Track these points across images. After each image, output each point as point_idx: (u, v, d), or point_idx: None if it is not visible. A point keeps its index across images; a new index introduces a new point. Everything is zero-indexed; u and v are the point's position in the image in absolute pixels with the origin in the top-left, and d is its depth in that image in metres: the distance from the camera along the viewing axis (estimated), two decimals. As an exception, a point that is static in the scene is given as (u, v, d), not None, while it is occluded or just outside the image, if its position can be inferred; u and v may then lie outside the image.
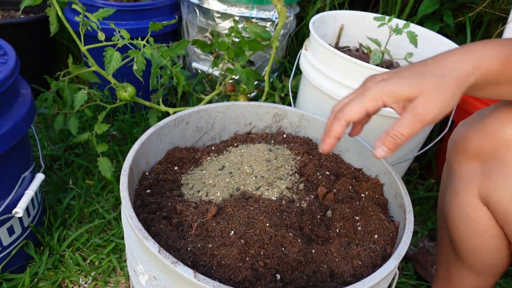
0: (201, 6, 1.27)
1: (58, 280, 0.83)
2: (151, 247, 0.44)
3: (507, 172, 0.54)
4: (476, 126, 0.57)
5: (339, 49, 1.13)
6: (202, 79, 1.32)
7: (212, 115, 0.73)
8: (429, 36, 1.06)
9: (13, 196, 0.75)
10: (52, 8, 0.88)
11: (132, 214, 0.48)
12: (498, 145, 0.54)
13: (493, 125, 0.55)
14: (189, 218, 0.54)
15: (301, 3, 1.56)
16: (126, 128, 1.23)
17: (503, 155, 0.54)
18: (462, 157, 0.61)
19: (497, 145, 0.54)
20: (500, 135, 0.54)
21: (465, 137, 0.59)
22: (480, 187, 0.58)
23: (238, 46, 0.97)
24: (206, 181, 0.62)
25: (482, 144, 0.57)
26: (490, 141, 0.55)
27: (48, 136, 1.18)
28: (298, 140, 0.74)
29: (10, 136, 0.68)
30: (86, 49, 0.87)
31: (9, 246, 0.80)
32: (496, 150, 0.55)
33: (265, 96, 1.06)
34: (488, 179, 0.56)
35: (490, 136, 0.55)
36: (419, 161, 1.27)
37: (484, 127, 0.56)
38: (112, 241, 0.92)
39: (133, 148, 0.60)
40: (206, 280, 0.41)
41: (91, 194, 1.04)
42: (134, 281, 0.53)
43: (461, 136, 0.60)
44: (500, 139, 0.54)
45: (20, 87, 0.78)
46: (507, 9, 1.29)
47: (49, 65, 1.47)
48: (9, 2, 1.44)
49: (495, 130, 0.54)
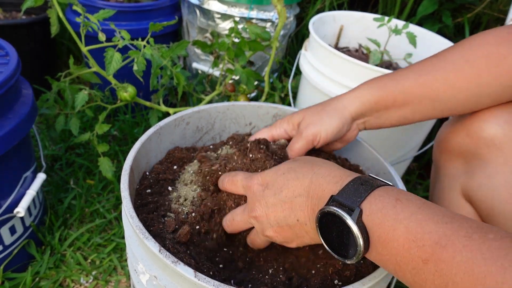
0: (201, 7, 1.27)
1: (59, 279, 0.84)
2: (151, 247, 0.44)
3: (488, 171, 0.54)
4: (458, 125, 0.58)
5: (338, 49, 1.13)
6: (203, 79, 1.32)
7: (212, 115, 0.74)
8: (428, 37, 1.07)
9: (14, 195, 0.76)
10: (53, 9, 0.89)
11: (133, 214, 0.48)
12: (479, 144, 0.55)
13: (474, 124, 0.55)
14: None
15: (301, 3, 1.56)
16: (126, 128, 1.24)
17: (484, 154, 0.55)
18: (446, 156, 0.62)
19: (478, 144, 0.55)
20: (481, 134, 0.54)
21: (448, 137, 0.60)
22: (464, 186, 0.59)
23: (238, 46, 0.97)
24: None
25: (464, 143, 0.57)
26: (471, 140, 0.56)
27: (49, 136, 1.19)
28: None
29: (11, 136, 0.69)
30: (87, 50, 0.87)
31: (11, 245, 0.80)
32: (478, 149, 0.55)
33: (265, 96, 1.07)
34: (471, 178, 0.57)
35: (471, 135, 0.56)
36: (419, 161, 1.28)
37: (465, 126, 0.57)
38: (113, 241, 0.92)
39: (134, 148, 0.60)
40: (206, 280, 0.41)
41: (92, 194, 1.04)
42: (134, 281, 0.53)
43: (445, 136, 0.61)
44: (481, 138, 0.55)
45: (22, 87, 0.78)
46: (505, 10, 1.29)
47: (50, 66, 1.47)
48: (11, 3, 1.45)
49: (476, 129, 0.55)
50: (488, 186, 0.54)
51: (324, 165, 0.47)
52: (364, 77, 0.85)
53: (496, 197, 0.53)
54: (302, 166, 0.47)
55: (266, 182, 0.48)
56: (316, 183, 0.44)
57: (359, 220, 0.38)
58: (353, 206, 0.39)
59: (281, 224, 0.46)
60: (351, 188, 0.40)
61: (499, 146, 0.53)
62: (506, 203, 0.53)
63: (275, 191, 0.47)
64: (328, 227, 0.41)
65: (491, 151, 0.54)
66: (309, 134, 0.58)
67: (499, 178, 0.53)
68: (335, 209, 0.39)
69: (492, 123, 0.54)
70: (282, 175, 0.47)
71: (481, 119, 0.55)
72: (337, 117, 0.58)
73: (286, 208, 0.46)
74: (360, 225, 0.38)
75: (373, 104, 0.57)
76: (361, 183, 0.41)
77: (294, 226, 0.46)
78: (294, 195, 0.45)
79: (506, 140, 0.53)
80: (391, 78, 0.57)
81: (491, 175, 0.54)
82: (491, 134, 0.54)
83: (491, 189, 0.54)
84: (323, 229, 0.42)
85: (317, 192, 0.43)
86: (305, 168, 0.47)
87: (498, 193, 0.53)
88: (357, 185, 0.41)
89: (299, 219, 0.45)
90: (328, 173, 0.44)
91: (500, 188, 0.53)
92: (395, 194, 0.39)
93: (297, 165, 0.48)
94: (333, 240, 0.41)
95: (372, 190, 0.40)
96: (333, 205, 0.40)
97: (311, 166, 0.47)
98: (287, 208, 0.46)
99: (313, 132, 0.58)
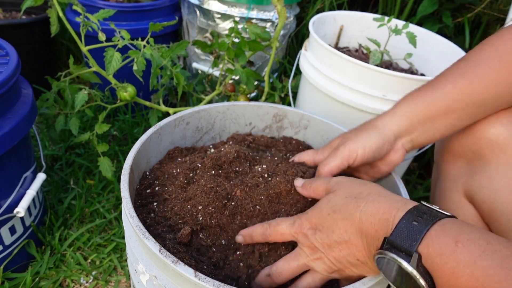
0: (201, 7, 1.27)
1: (59, 279, 0.84)
2: (151, 247, 0.44)
3: (490, 173, 0.54)
4: None
5: (338, 49, 1.13)
6: (202, 79, 1.32)
7: (212, 115, 0.74)
8: (428, 37, 1.06)
9: (14, 195, 0.76)
10: (53, 9, 0.89)
11: (133, 214, 0.48)
12: (482, 145, 0.55)
13: (477, 124, 0.55)
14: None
15: (301, 3, 1.56)
16: (126, 128, 1.24)
17: (487, 155, 0.54)
18: (448, 156, 0.61)
19: (481, 145, 0.55)
20: (484, 135, 0.54)
21: (450, 137, 0.60)
22: (465, 186, 0.58)
23: (238, 46, 0.97)
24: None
25: (466, 143, 0.57)
26: (474, 140, 0.56)
27: (49, 136, 1.19)
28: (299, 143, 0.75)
29: (11, 136, 0.69)
30: (87, 50, 0.87)
31: (10, 245, 0.80)
32: (480, 150, 0.55)
33: (265, 96, 1.07)
34: (473, 179, 0.57)
35: (474, 135, 0.55)
36: (419, 161, 1.28)
37: (468, 127, 0.56)
38: (113, 241, 0.92)
39: (134, 148, 0.60)
40: (206, 280, 0.41)
41: (92, 194, 1.04)
42: (134, 281, 0.53)
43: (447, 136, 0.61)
44: (483, 139, 0.54)
45: (22, 87, 0.78)
46: (506, 10, 1.29)
47: (50, 66, 1.47)
48: (11, 3, 1.45)
49: (479, 129, 0.55)
50: (490, 187, 0.54)
51: (369, 198, 0.43)
52: (364, 77, 0.86)
53: (498, 198, 0.53)
54: (347, 204, 0.44)
55: (314, 225, 0.46)
56: (366, 222, 0.42)
57: (419, 265, 0.36)
58: (411, 250, 0.36)
59: (343, 262, 0.45)
60: (405, 229, 0.38)
61: (502, 147, 0.53)
62: (508, 204, 0.52)
63: (327, 233, 0.45)
64: (388, 267, 0.39)
65: (493, 151, 0.53)
66: (345, 151, 0.54)
67: (502, 179, 0.53)
68: (392, 256, 0.37)
69: (495, 124, 0.53)
70: (328, 215, 0.45)
71: (484, 119, 0.54)
72: (376, 134, 0.55)
73: (343, 248, 0.44)
74: (421, 270, 0.36)
75: (415, 117, 0.54)
76: (415, 219, 0.38)
77: (357, 265, 0.44)
78: (348, 235, 0.43)
79: (509, 140, 0.52)
80: (427, 89, 0.55)
81: (493, 176, 0.54)
82: (494, 134, 0.53)
83: (493, 190, 0.53)
84: (383, 268, 0.40)
85: (370, 232, 0.41)
86: (350, 206, 0.44)
87: (500, 194, 0.53)
88: (411, 222, 0.38)
89: (359, 258, 0.43)
90: (376, 209, 0.41)
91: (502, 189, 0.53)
92: (455, 234, 0.35)
93: (340, 202, 0.45)
94: (395, 279, 0.39)
95: (427, 229, 0.37)
96: (388, 248, 0.38)
97: (356, 202, 0.44)
98: (344, 248, 0.44)
99: (349, 148, 0.54)
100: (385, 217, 0.40)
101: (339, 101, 0.90)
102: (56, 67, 1.53)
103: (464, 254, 0.34)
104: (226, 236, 0.53)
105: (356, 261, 0.44)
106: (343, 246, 0.44)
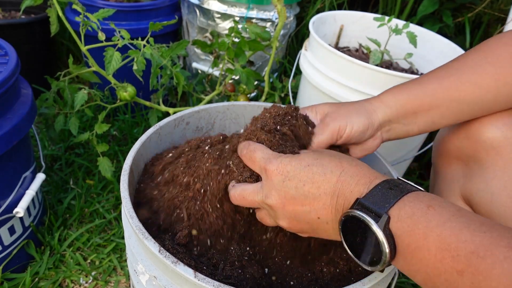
0: (201, 6, 1.27)
1: (58, 280, 0.83)
2: (151, 247, 0.44)
3: (487, 176, 0.54)
4: (457, 128, 0.58)
5: (339, 49, 1.13)
6: (202, 79, 1.32)
7: (212, 115, 0.74)
8: (429, 36, 1.06)
9: (14, 196, 0.76)
10: (53, 9, 0.89)
11: (133, 214, 0.48)
12: (477, 148, 0.54)
13: (473, 127, 0.55)
14: None
15: (301, 3, 1.56)
16: (126, 128, 1.24)
17: (483, 158, 0.54)
18: (445, 158, 0.61)
19: (476, 147, 0.55)
20: (480, 138, 0.54)
21: (447, 139, 0.60)
22: (462, 189, 0.58)
23: (238, 46, 0.97)
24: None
25: (462, 146, 0.57)
26: (470, 143, 0.55)
27: (48, 136, 1.19)
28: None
29: (11, 136, 0.69)
30: (87, 49, 0.87)
31: (10, 245, 0.80)
32: (476, 153, 0.55)
33: (265, 96, 1.06)
34: (470, 181, 0.56)
35: (470, 138, 0.55)
36: (419, 161, 1.27)
37: (464, 129, 0.56)
38: (113, 241, 0.92)
39: (134, 148, 0.60)
40: (206, 280, 0.41)
41: (92, 194, 1.04)
42: (134, 281, 0.53)
43: (443, 138, 0.61)
44: (479, 142, 0.54)
45: (21, 87, 0.78)
46: (506, 10, 1.29)
47: (50, 65, 1.47)
48: (10, 2, 1.45)
49: (475, 132, 0.55)
50: (487, 190, 0.54)
51: (353, 163, 0.43)
52: (364, 77, 0.86)
53: (495, 201, 0.53)
54: (330, 161, 0.44)
55: (287, 171, 0.44)
56: (344, 182, 0.41)
57: (385, 227, 0.36)
58: (380, 212, 0.37)
59: (298, 218, 0.44)
60: (379, 192, 0.38)
61: (498, 149, 0.53)
62: (505, 207, 0.52)
63: (297, 184, 0.43)
64: (351, 231, 0.39)
65: (490, 154, 0.53)
66: (336, 126, 0.53)
67: (498, 182, 0.53)
68: (360, 214, 0.37)
69: (491, 126, 0.53)
70: (307, 167, 0.44)
71: (480, 122, 0.54)
72: (366, 117, 0.54)
73: (307, 203, 0.43)
74: (387, 232, 0.36)
75: (399, 109, 0.55)
76: (390, 187, 0.39)
77: (313, 222, 0.43)
78: (319, 192, 0.42)
79: (505, 143, 0.52)
80: (415, 83, 0.55)
81: (490, 179, 0.53)
82: (490, 137, 0.53)
83: (490, 193, 0.53)
84: (346, 232, 0.40)
85: (344, 193, 0.41)
86: (333, 163, 0.43)
87: (497, 197, 0.53)
88: (386, 189, 0.39)
89: (320, 217, 0.43)
90: (357, 172, 0.42)
91: (499, 192, 0.53)
92: (428, 200, 0.37)
93: (325, 158, 0.44)
94: (356, 244, 0.40)
95: (402, 195, 0.38)
96: (358, 209, 0.38)
97: (340, 162, 0.43)
98: (308, 204, 0.43)
99: (340, 124, 0.54)
100: (363, 181, 0.41)
101: (339, 101, 0.90)
102: (55, 67, 1.53)
103: (435, 216, 0.35)
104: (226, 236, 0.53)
105: (315, 219, 0.43)
106: (308, 202, 0.43)
